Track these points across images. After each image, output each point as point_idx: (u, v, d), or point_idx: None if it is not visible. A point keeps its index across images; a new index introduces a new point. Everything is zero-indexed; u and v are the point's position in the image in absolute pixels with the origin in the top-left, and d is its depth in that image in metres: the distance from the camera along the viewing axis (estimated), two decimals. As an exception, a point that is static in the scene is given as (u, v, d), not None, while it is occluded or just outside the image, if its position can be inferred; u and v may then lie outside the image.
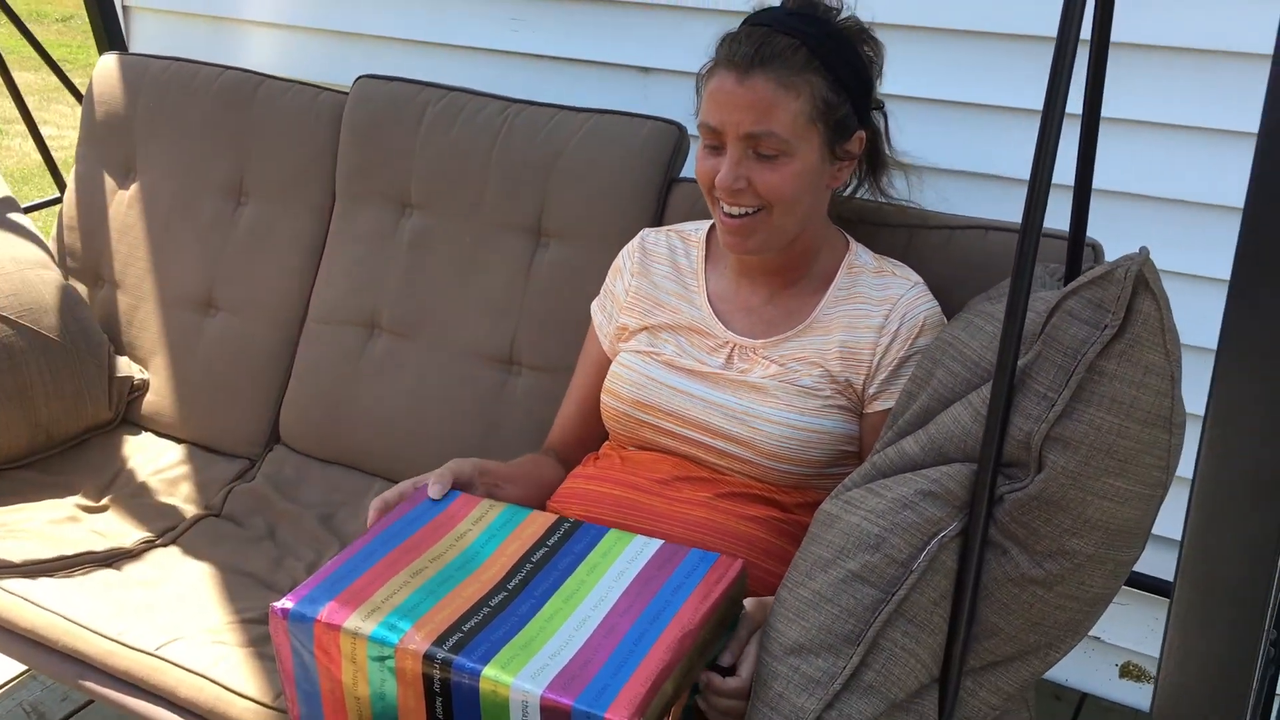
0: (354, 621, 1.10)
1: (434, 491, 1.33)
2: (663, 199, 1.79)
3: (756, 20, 1.41)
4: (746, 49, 1.36)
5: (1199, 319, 1.63)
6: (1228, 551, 0.60)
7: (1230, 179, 1.80)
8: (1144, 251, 1.07)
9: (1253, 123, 0.79)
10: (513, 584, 1.17)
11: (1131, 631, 2.09)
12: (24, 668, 2.20)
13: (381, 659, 1.09)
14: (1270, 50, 0.71)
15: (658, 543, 1.23)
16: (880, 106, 1.49)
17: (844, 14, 1.44)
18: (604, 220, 1.79)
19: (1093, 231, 1.42)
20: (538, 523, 1.27)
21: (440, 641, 1.08)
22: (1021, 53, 1.87)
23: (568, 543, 1.23)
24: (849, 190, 1.57)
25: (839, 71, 1.38)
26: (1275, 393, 0.60)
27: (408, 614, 1.11)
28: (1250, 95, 1.74)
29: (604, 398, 1.53)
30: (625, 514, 1.41)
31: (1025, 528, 1.11)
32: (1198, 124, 1.79)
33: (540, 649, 1.07)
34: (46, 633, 1.55)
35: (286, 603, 1.13)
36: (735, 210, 1.39)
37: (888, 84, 1.93)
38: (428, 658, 1.06)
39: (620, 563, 1.20)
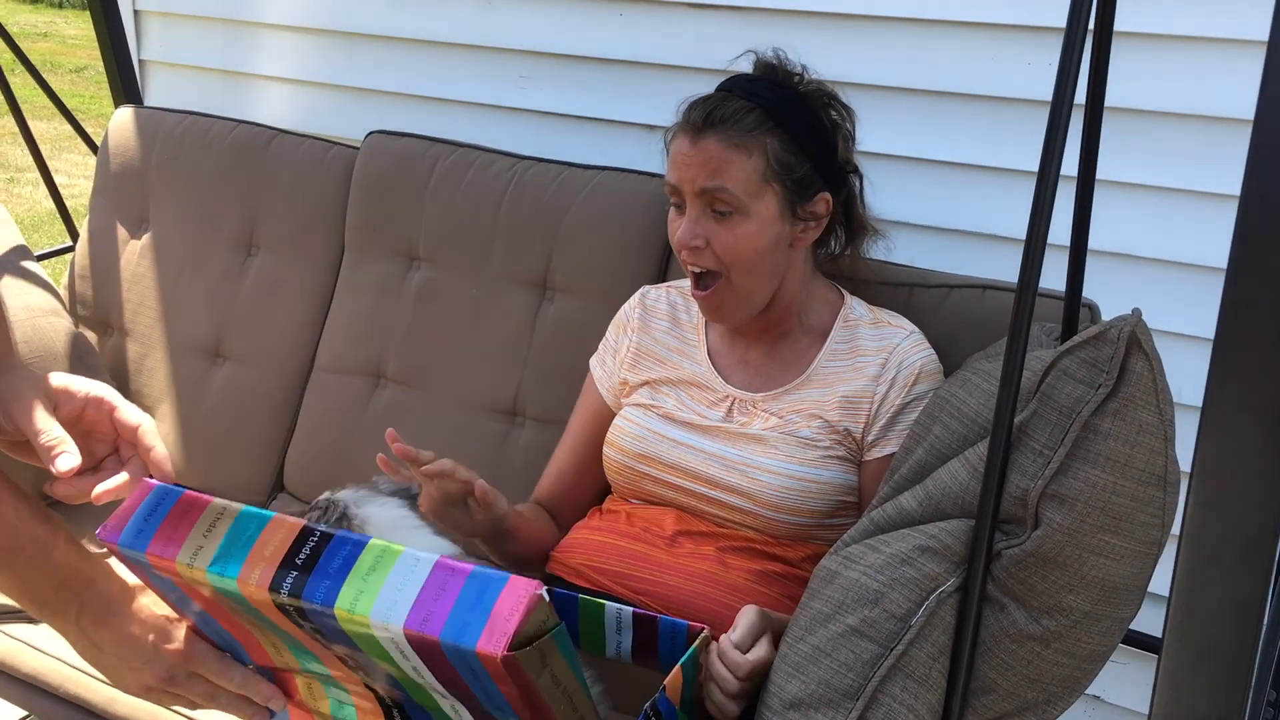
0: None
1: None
2: (666, 254, 1.82)
3: (721, 87, 1.46)
4: (699, 113, 1.41)
5: (1195, 379, 1.65)
6: (1215, 608, 0.62)
7: (1226, 242, 1.82)
8: (1136, 313, 1.09)
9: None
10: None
11: (1133, 691, 2.08)
12: (24, 713, 2.19)
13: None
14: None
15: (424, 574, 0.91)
16: (854, 169, 1.51)
17: (808, 79, 1.47)
18: (609, 275, 1.82)
19: (1089, 291, 1.44)
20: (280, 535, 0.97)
21: None
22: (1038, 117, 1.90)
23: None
24: (833, 252, 1.58)
25: (796, 133, 1.41)
26: (1259, 450, 0.61)
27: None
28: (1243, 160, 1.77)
29: (606, 450, 1.55)
30: (630, 564, 1.43)
31: (1022, 584, 1.12)
32: (1193, 188, 1.82)
33: None
34: (48, 678, 1.55)
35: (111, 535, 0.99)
36: (697, 269, 1.43)
37: (889, 144, 1.97)
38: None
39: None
